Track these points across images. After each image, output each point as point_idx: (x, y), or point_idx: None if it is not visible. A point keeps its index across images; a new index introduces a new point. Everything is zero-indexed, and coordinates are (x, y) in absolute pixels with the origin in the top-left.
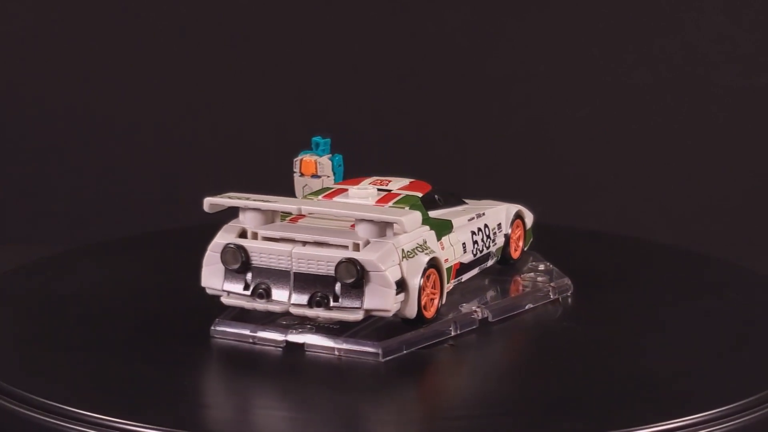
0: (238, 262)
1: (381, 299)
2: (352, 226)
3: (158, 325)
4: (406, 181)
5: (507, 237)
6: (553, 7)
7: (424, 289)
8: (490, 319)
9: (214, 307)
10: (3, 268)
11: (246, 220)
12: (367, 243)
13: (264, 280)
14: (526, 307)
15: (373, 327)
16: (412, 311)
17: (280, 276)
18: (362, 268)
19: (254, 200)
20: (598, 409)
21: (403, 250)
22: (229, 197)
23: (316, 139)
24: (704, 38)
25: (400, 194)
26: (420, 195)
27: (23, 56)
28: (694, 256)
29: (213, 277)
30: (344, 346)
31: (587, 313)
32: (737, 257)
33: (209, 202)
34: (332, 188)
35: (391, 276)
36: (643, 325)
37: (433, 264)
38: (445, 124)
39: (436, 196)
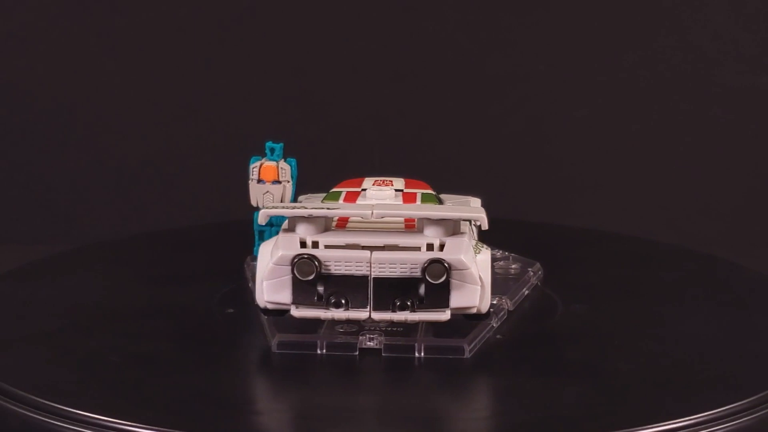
0: (313, 272)
1: (468, 297)
2: (408, 226)
3: (158, 325)
4: (402, 180)
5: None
6: (553, 7)
7: None
8: (510, 309)
9: (213, 307)
10: (3, 268)
11: (301, 230)
12: (441, 243)
13: (339, 288)
14: (525, 293)
15: (423, 327)
16: (486, 306)
17: (358, 282)
18: (449, 267)
19: (313, 209)
20: (598, 410)
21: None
22: (285, 207)
23: (271, 144)
24: (704, 37)
25: (416, 193)
26: (434, 193)
27: (23, 56)
28: (694, 256)
29: (278, 291)
30: (428, 344)
31: (586, 313)
32: (737, 257)
33: (265, 214)
34: (341, 191)
35: (476, 273)
36: (642, 325)
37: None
38: (445, 124)
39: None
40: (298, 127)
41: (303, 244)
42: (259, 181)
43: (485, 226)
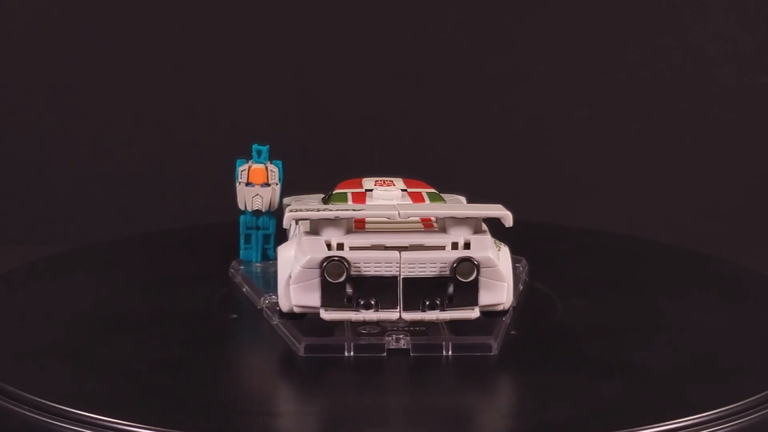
0: (343, 274)
1: (496, 294)
2: (427, 225)
3: (159, 325)
4: (401, 180)
5: None
6: (553, 7)
7: None
8: (513, 305)
9: (213, 308)
10: (3, 268)
11: (325, 232)
12: (466, 241)
13: (368, 289)
14: (520, 287)
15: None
16: (509, 302)
17: (387, 283)
18: (478, 265)
19: (338, 211)
20: (598, 409)
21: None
22: (309, 210)
23: (258, 146)
24: (704, 37)
25: (421, 192)
26: (437, 192)
27: (22, 56)
28: (694, 256)
29: (306, 294)
30: (455, 342)
31: (586, 313)
32: (737, 257)
33: (292, 218)
34: (346, 192)
35: (503, 270)
36: (642, 325)
37: None
38: (444, 124)
39: None
40: (298, 127)
41: (328, 247)
42: (248, 184)
43: (509, 223)
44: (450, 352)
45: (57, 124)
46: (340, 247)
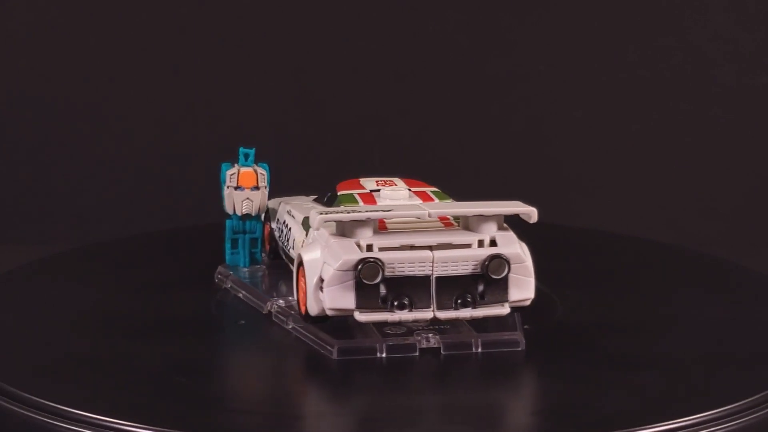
0: (378, 275)
1: (525, 289)
2: (447, 224)
3: (159, 325)
4: (401, 180)
5: None
6: (553, 7)
7: None
8: None
9: (214, 308)
10: (3, 268)
11: (353, 233)
12: (492, 238)
13: (402, 289)
14: None
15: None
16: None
17: (420, 283)
18: (509, 261)
19: (367, 212)
20: (598, 409)
21: None
22: (339, 212)
23: (244, 149)
24: (704, 37)
25: (426, 191)
26: (440, 191)
27: (22, 55)
28: (693, 256)
29: (341, 296)
30: (484, 340)
31: (586, 313)
32: (737, 257)
33: (323, 220)
34: (352, 193)
35: (530, 266)
36: (642, 325)
37: None
38: (445, 124)
39: None
40: (298, 127)
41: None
42: (237, 187)
43: (534, 219)
44: (479, 349)
45: (57, 124)
46: (370, 248)
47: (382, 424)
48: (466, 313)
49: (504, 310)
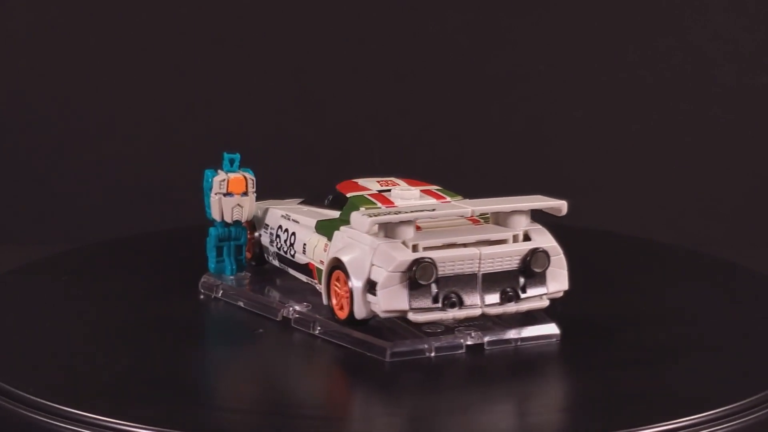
0: (433, 275)
1: (561, 282)
2: (474, 221)
3: (159, 325)
4: (401, 179)
5: None
6: (553, 7)
7: None
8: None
9: (213, 307)
10: (3, 268)
11: (397, 234)
12: (525, 232)
13: (451, 288)
14: None
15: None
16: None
17: (467, 280)
18: (548, 254)
19: (413, 212)
20: (599, 409)
21: None
22: (386, 213)
23: (229, 155)
24: (704, 37)
25: (432, 189)
26: (443, 189)
27: (22, 56)
28: (694, 256)
29: (395, 298)
30: (524, 334)
31: (586, 313)
32: (737, 257)
33: (372, 222)
34: (362, 194)
35: (564, 258)
36: (642, 324)
37: None
38: (444, 124)
39: None
40: (298, 127)
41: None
42: (227, 194)
43: (564, 212)
44: (520, 343)
45: (57, 125)
46: (415, 248)
47: (430, 423)
48: (511, 307)
49: (544, 303)
